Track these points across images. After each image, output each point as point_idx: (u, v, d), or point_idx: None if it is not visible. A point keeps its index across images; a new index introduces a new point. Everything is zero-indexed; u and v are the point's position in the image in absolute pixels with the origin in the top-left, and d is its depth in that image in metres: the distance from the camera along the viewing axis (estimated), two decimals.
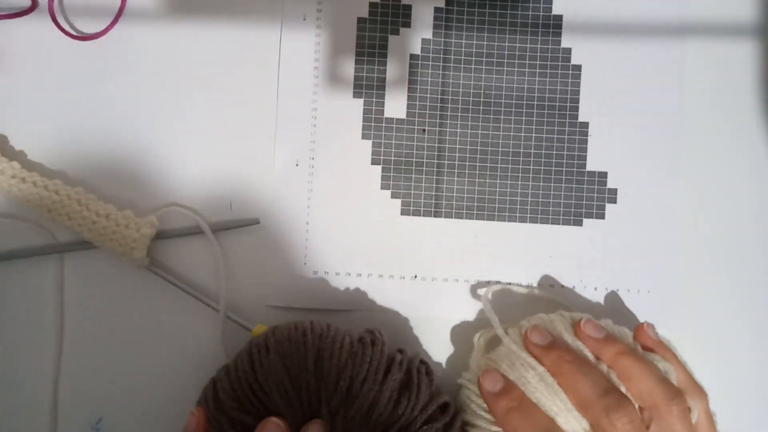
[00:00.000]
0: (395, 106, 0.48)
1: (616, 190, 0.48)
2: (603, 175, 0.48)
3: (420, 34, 0.48)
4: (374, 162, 0.48)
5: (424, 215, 0.48)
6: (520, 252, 0.48)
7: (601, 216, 0.48)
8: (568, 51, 0.48)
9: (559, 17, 0.48)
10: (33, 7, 0.46)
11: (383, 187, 0.48)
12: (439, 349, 0.48)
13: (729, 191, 0.48)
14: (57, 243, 0.46)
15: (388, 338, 0.43)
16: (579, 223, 0.48)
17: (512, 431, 0.40)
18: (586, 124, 0.48)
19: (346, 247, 0.48)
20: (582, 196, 0.48)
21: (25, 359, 0.46)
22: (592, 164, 0.48)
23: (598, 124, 0.48)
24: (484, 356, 0.45)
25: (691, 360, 0.44)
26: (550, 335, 0.42)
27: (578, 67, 0.48)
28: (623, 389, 0.40)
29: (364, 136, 0.48)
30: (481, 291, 0.47)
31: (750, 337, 0.48)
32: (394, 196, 0.48)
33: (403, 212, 0.48)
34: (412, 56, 0.48)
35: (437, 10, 0.48)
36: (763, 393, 0.48)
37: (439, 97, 0.48)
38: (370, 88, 0.48)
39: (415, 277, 0.48)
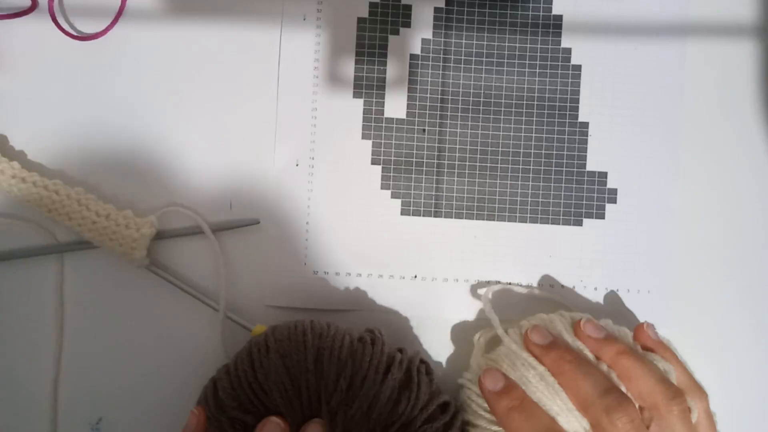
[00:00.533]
0: (395, 106, 0.48)
1: (616, 190, 0.48)
2: (603, 175, 0.48)
3: (420, 34, 0.48)
4: (374, 162, 0.48)
5: (424, 215, 0.48)
6: (520, 252, 0.48)
7: (601, 216, 0.48)
8: (568, 51, 0.48)
9: (559, 17, 0.48)
10: (33, 7, 0.46)
11: (383, 187, 0.48)
12: (439, 348, 0.48)
13: (729, 191, 0.48)
14: (57, 243, 0.46)
15: (388, 337, 0.43)
16: (579, 223, 0.48)
17: (513, 431, 0.40)
18: (586, 124, 0.48)
19: (346, 247, 0.48)
20: (582, 196, 0.48)
21: (25, 359, 0.46)
22: (592, 164, 0.48)
23: (598, 124, 0.48)
24: (484, 356, 0.45)
25: (692, 360, 0.44)
26: (550, 335, 0.42)
27: (578, 67, 0.48)
28: (623, 389, 0.40)
29: (364, 136, 0.48)
30: (481, 291, 0.47)
31: (750, 337, 0.48)
32: (394, 196, 0.48)
33: (403, 212, 0.48)
34: (412, 56, 0.48)
35: (437, 10, 0.48)
36: (763, 393, 0.48)
37: (439, 97, 0.48)
38: (370, 88, 0.48)
39: (415, 277, 0.48)
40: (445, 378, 0.47)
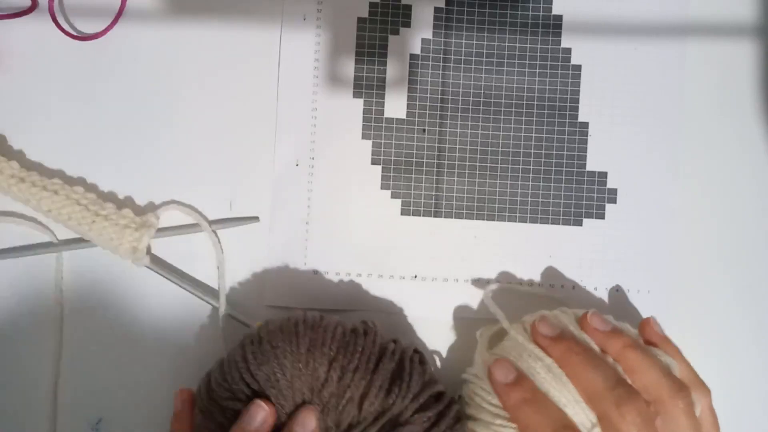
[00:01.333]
0: (395, 106, 0.48)
1: (616, 190, 0.48)
2: (603, 175, 0.48)
3: (420, 34, 0.48)
4: (374, 162, 0.48)
5: (424, 215, 0.48)
6: (520, 252, 0.48)
7: (601, 216, 0.48)
8: (568, 51, 0.48)
9: (559, 17, 0.48)
10: (33, 7, 0.46)
11: (383, 187, 0.48)
12: (439, 348, 0.48)
13: (729, 191, 0.48)
14: (57, 242, 0.46)
15: (382, 329, 0.43)
16: (579, 223, 0.48)
17: (524, 422, 0.39)
18: (586, 124, 0.48)
19: (346, 247, 0.48)
20: (582, 196, 0.48)
21: (25, 359, 0.46)
22: (592, 164, 0.48)
23: (598, 124, 0.48)
24: (489, 351, 0.44)
25: (692, 359, 0.43)
26: (558, 326, 0.42)
27: (578, 67, 0.48)
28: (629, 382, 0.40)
29: (364, 136, 0.48)
30: (481, 290, 0.47)
31: (750, 337, 0.48)
32: (394, 196, 0.48)
33: (403, 212, 0.48)
34: (412, 56, 0.48)
35: (437, 10, 0.48)
36: (763, 392, 0.48)
37: (439, 97, 0.48)
38: (370, 88, 0.48)
39: (415, 277, 0.48)
40: (444, 378, 0.47)
